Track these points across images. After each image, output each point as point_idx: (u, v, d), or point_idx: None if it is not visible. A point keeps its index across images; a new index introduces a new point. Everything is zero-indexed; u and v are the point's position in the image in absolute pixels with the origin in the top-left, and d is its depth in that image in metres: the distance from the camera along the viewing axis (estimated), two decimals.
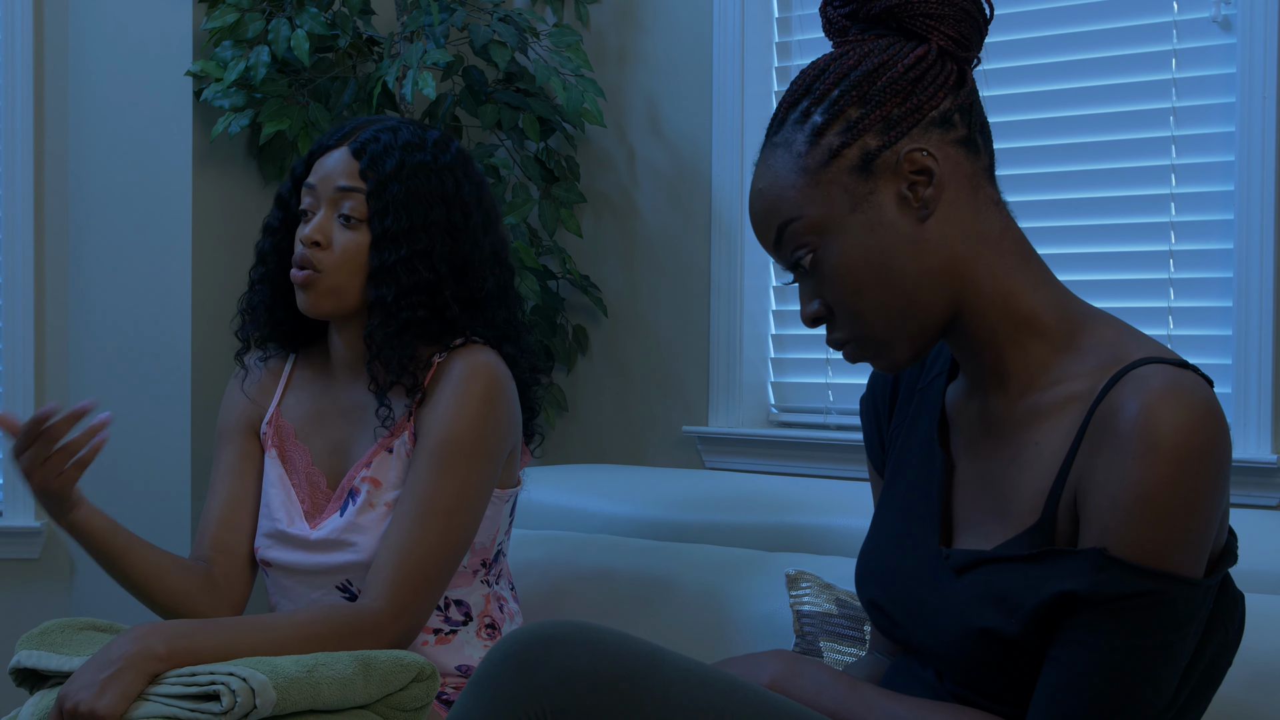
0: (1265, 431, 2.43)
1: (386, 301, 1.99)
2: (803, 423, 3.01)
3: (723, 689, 1.40)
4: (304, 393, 2.15)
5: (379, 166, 2.01)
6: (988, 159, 1.49)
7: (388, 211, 2.00)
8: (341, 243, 2.02)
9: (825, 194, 1.45)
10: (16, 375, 3.18)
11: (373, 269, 2.00)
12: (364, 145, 2.03)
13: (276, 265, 2.11)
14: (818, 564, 2.21)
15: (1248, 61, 2.43)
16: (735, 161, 3.01)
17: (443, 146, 2.07)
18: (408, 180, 2.01)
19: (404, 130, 2.06)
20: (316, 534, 2.04)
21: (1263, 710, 1.76)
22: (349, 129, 2.07)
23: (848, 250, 1.45)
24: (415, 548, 1.94)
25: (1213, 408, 1.34)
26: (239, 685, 1.66)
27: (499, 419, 2.01)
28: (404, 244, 1.99)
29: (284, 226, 2.12)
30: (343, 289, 2.02)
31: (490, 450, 2.00)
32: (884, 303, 1.45)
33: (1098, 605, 1.34)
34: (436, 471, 1.97)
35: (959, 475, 1.52)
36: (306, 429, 2.13)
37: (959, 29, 1.47)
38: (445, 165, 2.05)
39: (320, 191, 2.03)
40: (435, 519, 1.95)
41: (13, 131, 3.16)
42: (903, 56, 1.45)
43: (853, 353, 1.49)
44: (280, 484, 2.10)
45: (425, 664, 1.81)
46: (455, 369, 2.00)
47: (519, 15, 3.06)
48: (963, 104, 1.46)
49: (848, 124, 1.44)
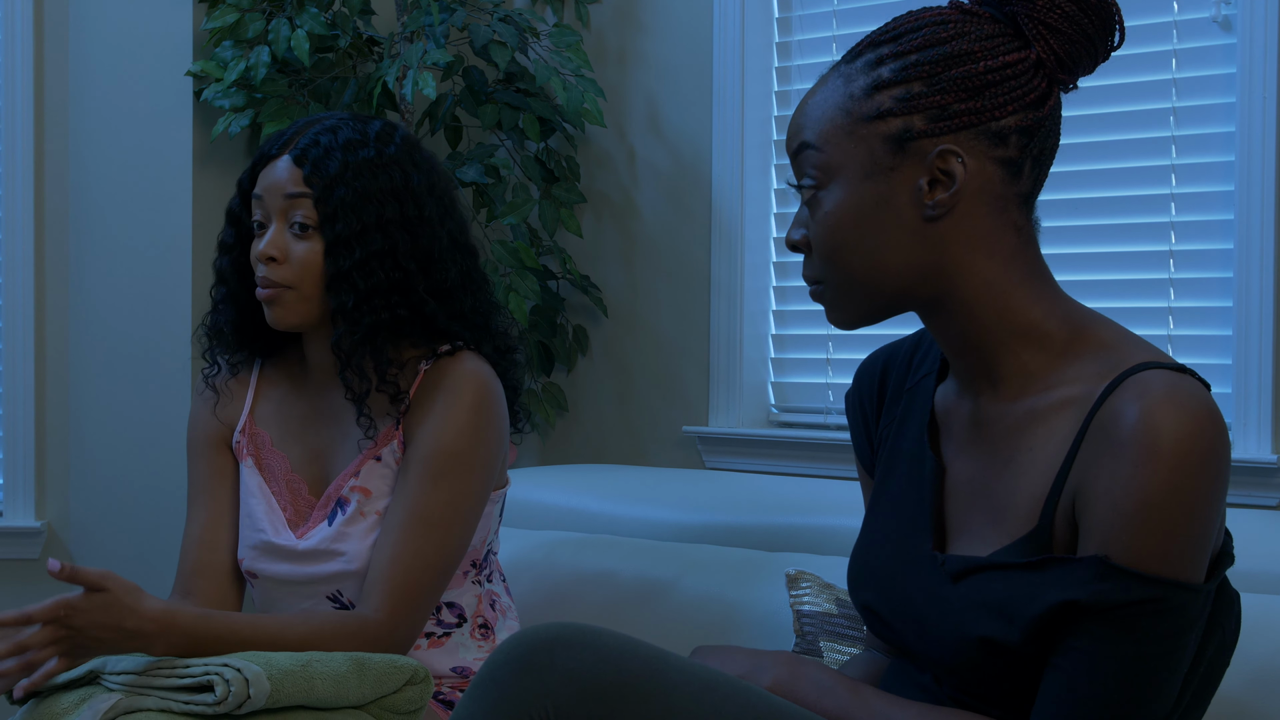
0: (1265, 431, 2.43)
1: (348, 308, 1.94)
2: (803, 423, 3.01)
3: (726, 693, 1.39)
4: (277, 399, 2.11)
5: (322, 170, 1.96)
6: (1029, 185, 1.44)
7: (337, 216, 1.95)
8: (298, 254, 1.97)
9: (853, 145, 1.42)
10: (16, 375, 3.18)
11: (329, 276, 1.95)
12: (305, 151, 1.97)
13: (237, 282, 2.06)
14: (818, 564, 2.21)
15: (1248, 61, 2.43)
16: (735, 161, 3.02)
17: (385, 139, 2.01)
18: (353, 181, 1.96)
19: (344, 129, 2.00)
20: (304, 544, 2.01)
21: (1263, 710, 1.76)
22: (289, 135, 2.01)
23: (846, 207, 1.43)
24: (411, 558, 1.93)
25: (1213, 412, 1.33)
26: (233, 675, 1.66)
27: (491, 429, 1.99)
28: (357, 247, 1.95)
29: (239, 242, 2.06)
30: (308, 298, 1.97)
31: (483, 460, 1.98)
32: (857, 271, 1.44)
33: (1100, 614, 1.32)
34: (430, 482, 1.95)
35: (950, 478, 1.51)
36: (283, 436, 2.09)
37: (1069, 48, 1.42)
38: (391, 159, 2.00)
39: (269, 203, 1.99)
40: (430, 529, 1.94)
41: (13, 131, 3.16)
42: (993, 55, 1.41)
43: (814, 292, 1.50)
44: (260, 493, 2.06)
45: (419, 667, 1.81)
46: (442, 378, 1.97)
47: (519, 15, 3.06)
48: (1028, 125, 1.41)
49: (907, 94, 1.41)
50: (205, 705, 1.67)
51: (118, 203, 3.14)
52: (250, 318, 2.08)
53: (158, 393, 3.07)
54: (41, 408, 3.21)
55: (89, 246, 3.18)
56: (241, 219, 2.06)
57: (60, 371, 3.22)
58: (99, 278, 3.17)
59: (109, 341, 3.16)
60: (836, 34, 2.95)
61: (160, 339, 3.07)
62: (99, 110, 3.16)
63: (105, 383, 3.16)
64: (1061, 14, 1.42)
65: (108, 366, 3.16)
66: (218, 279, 2.09)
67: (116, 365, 3.14)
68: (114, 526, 3.16)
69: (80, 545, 3.22)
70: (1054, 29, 1.42)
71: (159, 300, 3.08)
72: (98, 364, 3.18)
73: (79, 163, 3.19)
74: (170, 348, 3.06)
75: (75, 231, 3.20)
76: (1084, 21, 1.42)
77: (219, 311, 2.09)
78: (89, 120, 3.18)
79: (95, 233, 3.17)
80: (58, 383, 3.22)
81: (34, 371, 3.19)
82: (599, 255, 3.24)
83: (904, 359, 1.63)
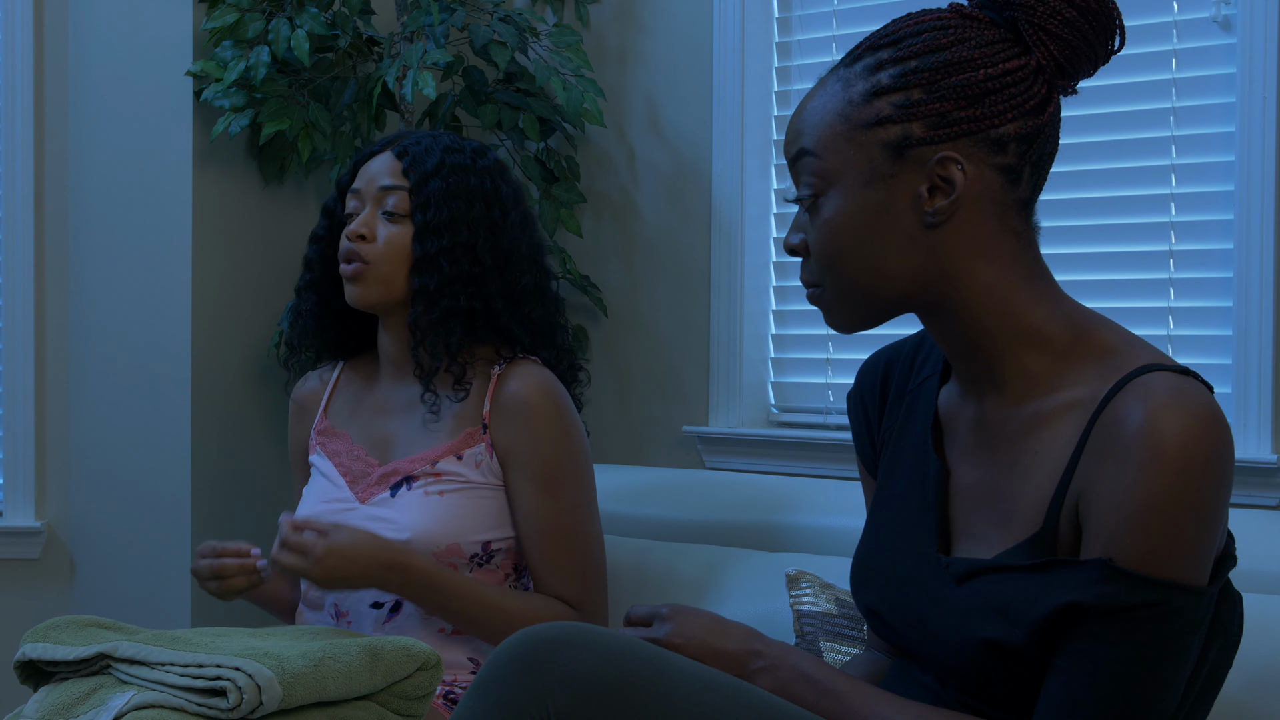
0: (1265, 431, 2.43)
1: (429, 289, 2.08)
2: (803, 423, 3.01)
3: (727, 693, 1.39)
4: (349, 394, 2.25)
5: (420, 165, 2.12)
6: (1028, 191, 1.44)
7: (429, 204, 2.10)
8: (385, 236, 2.11)
9: (852, 152, 1.42)
10: (16, 375, 3.18)
11: (416, 259, 2.10)
12: (406, 148, 2.15)
13: (322, 272, 2.22)
14: (818, 564, 2.21)
15: (1248, 61, 2.43)
16: (735, 161, 3.02)
17: (481, 153, 2.19)
18: (448, 177, 2.12)
19: (444, 136, 2.18)
20: (364, 508, 2.12)
21: (1263, 710, 1.76)
22: (392, 137, 2.20)
23: (845, 215, 1.43)
24: (566, 561, 2.09)
25: (1216, 415, 1.33)
26: (245, 682, 1.67)
27: (575, 429, 2.13)
28: (446, 235, 2.09)
29: (329, 235, 2.22)
30: (388, 279, 2.10)
31: (581, 458, 2.12)
32: (856, 277, 1.44)
33: (1104, 616, 1.32)
34: (549, 496, 2.09)
35: (955, 481, 1.51)
36: (351, 422, 2.21)
37: (1069, 54, 1.41)
38: (483, 168, 2.17)
39: (365, 193, 2.14)
40: (571, 534, 2.09)
41: (13, 132, 3.16)
42: (993, 62, 1.40)
43: (811, 295, 1.50)
44: (325, 470, 2.19)
45: (431, 653, 1.82)
46: (516, 389, 2.10)
47: (519, 15, 3.06)
48: (1027, 132, 1.41)
49: (906, 101, 1.40)
50: (219, 711, 1.67)
51: (118, 203, 3.14)
52: (329, 307, 2.23)
53: (158, 393, 3.07)
54: (41, 408, 3.21)
55: (89, 246, 3.18)
56: (335, 213, 2.22)
57: (60, 371, 3.22)
58: (99, 278, 3.17)
59: (109, 341, 3.16)
60: (836, 34, 2.95)
61: (160, 339, 3.07)
62: (99, 110, 3.16)
63: (105, 383, 3.16)
64: (1062, 20, 1.41)
65: (108, 366, 3.16)
66: (304, 267, 2.26)
67: (116, 365, 3.14)
68: (114, 526, 3.16)
69: (80, 545, 3.22)
70: (1054, 35, 1.41)
71: (159, 300, 3.07)
72: (98, 364, 3.17)
73: (79, 163, 3.19)
74: (170, 348, 3.06)
75: (75, 231, 3.20)
76: (1084, 27, 1.42)
77: (301, 298, 2.25)
78: (89, 120, 3.18)
79: (95, 233, 3.17)
80: (58, 383, 3.22)
81: (34, 371, 3.19)
82: (599, 255, 3.24)
83: (906, 359, 1.63)
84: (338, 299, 2.22)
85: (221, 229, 3.07)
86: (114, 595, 3.15)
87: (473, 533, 2.08)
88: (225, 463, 3.08)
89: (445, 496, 2.08)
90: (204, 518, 3.05)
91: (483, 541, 2.09)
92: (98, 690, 1.73)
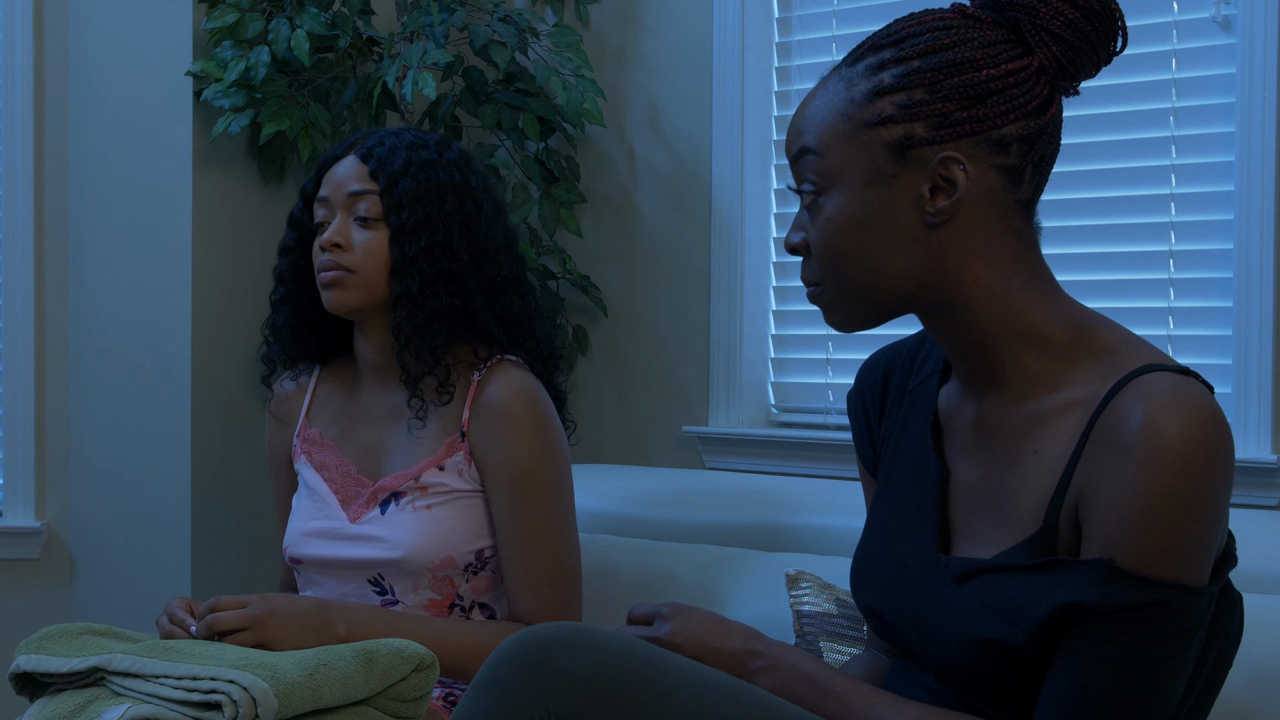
0: (1265, 431, 2.43)
1: (412, 293, 2.05)
2: (803, 423, 3.01)
3: (727, 693, 1.39)
4: (330, 401, 2.21)
5: (388, 166, 2.08)
6: (1029, 192, 1.44)
7: (402, 206, 2.06)
8: (361, 242, 2.07)
9: (854, 152, 1.42)
10: (16, 375, 3.18)
11: (395, 263, 2.06)
12: (370, 150, 2.10)
13: (296, 285, 2.18)
14: (818, 564, 2.21)
15: (1248, 61, 2.43)
16: (735, 161, 3.02)
17: (445, 145, 2.14)
18: (417, 175, 2.08)
19: (406, 133, 2.13)
20: (355, 528, 2.10)
21: (1263, 710, 1.76)
22: (353, 140, 2.14)
23: (847, 214, 1.43)
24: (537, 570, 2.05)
25: (1217, 415, 1.33)
26: (240, 695, 1.66)
27: (555, 437, 2.09)
28: (423, 235, 2.06)
29: (299, 246, 2.18)
30: (371, 284, 2.07)
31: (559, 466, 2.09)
32: (857, 277, 1.44)
33: (1104, 616, 1.32)
34: (522, 505, 2.06)
35: (955, 480, 1.51)
36: (335, 431, 2.19)
37: (1071, 54, 1.41)
38: (450, 160, 2.12)
39: (333, 200, 2.10)
40: (544, 541, 2.05)
41: (13, 131, 3.16)
42: (996, 63, 1.40)
43: (812, 294, 1.50)
44: (314, 484, 2.16)
45: (425, 654, 1.82)
46: (495, 395, 2.07)
47: (519, 15, 3.06)
48: (1029, 133, 1.41)
49: (908, 101, 1.40)
50: None
51: (118, 203, 3.14)
52: (306, 319, 2.20)
53: (157, 393, 3.07)
54: (41, 408, 3.21)
55: (89, 246, 3.18)
56: (303, 223, 2.18)
57: (60, 371, 3.22)
58: (99, 278, 3.17)
59: (109, 341, 3.16)
60: (836, 34, 2.95)
61: (160, 339, 3.07)
62: (99, 110, 3.16)
63: (105, 383, 3.16)
64: (1064, 21, 1.41)
65: (108, 366, 3.16)
66: (277, 281, 2.21)
67: (116, 365, 3.14)
68: (114, 526, 3.16)
69: (80, 545, 3.22)
70: (1057, 36, 1.41)
71: (159, 300, 3.08)
72: (98, 364, 3.17)
73: (79, 163, 3.19)
74: (170, 348, 3.06)
75: (75, 231, 3.20)
76: (1087, 28, 1.42)
77: (278, 312, 2.20)
78: (89, 120, 3.18)
79: (95, 233, 3.17)
80: (58, 383, 3.22)
81: (34, 371, 3.19)
82: (599, 255, 3.24)
83: (906, 359, 1.63)
84: (315, 309, 2.18)
85: (221, 229, 3.07)
86: (114, 595, 3.15)
87: (464, 543, 2.06)
88: (225, 463, 3.08)
89: (434, 510, 2.06)
90: (204, 518, 3.05)
91: (475, 550, 2.08)
92: (93, 702, 1.73)
